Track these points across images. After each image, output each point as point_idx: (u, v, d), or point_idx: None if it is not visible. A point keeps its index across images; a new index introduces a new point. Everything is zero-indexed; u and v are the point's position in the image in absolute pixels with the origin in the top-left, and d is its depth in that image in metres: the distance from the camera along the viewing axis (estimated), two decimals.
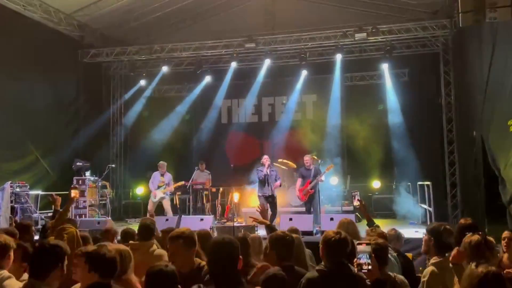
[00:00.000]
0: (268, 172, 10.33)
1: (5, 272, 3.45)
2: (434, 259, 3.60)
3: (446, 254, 3.57)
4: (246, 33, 13.41)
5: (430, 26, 12.45)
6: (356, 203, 4.98)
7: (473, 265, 3.08)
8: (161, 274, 2.76)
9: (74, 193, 5.74)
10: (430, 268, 3.51)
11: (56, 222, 4.84)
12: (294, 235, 4.36)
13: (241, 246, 3.16)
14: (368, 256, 2.89)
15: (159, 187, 11.55)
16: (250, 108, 15.70)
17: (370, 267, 2.87)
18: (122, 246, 3.98)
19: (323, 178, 10.49)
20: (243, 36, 13.38)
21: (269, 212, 10.13)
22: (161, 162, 11.89)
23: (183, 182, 11.98)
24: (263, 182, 10.33)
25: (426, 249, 3.84)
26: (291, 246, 3.64)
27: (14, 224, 5.12)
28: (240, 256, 2.99)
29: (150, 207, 11.47)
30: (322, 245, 3.22)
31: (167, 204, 11.54)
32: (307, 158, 10.74)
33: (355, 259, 2.97)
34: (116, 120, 15.82)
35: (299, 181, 10.84)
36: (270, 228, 4.71)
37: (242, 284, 2.96)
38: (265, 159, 10.51)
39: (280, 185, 11.05)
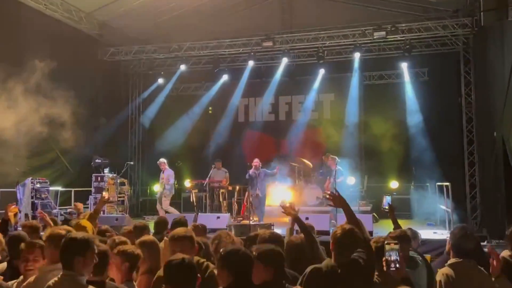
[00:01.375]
0: (256, 174, 11.04)
1: None
2: (451, 260, 3.48)
3: (463, 259, 3.47)
4: (264, 32, 13.41)
5: (450, 25, 12.29)
6: (386, 206, 4.93)
7: None
8: (181, 266, 2.76)
9: (105, 194, 5.86)
10: (445, 269, 3.40)
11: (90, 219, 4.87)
12: (299, 236, 4.35)
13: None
14: (396, 254, 2.95)
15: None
16: (267, 107, 15.69)
17: (398, 265, 2.93)
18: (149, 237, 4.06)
19: (339, 179, 10.51)
20: (260, 35, 13.38)
21: (259, 211, 11.00)
22: (161, 159, 12.14)
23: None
24: (250, 182, 11.19)
25: (448, 250, 3.75)
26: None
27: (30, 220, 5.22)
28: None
29: (166, 204, 11.80)
30: (331, 239, 3.29)
31: (166, 204, 11.78)
32: (330, 158, 10.74)
33: (384, 257, 3.01)
34: (134, 118, 16.00)
35: (328, 181, 10.93)
36: (298, 221, 4.32)
37: None
38: (255, 161, 11.30)
39: (277, 172, 11.61)
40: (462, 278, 3.31)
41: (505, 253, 3.91)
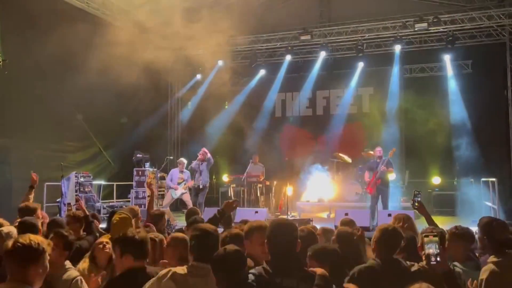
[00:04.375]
0: (199, 166, 11.21)
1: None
2: (492, 258, 3.31)
3: (506, 251, 3.33)
4: (301, 26, 13.29)
5: (496, 15, 11.85)
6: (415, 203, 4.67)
7: None
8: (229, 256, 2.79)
9: (148, 191, 6.26)
10: (489, 266, 3.25)
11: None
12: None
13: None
14: (436, 247, 2.84)
15: (178, 183, 11.73)
16: (305, 102, 15.59)
17: (439, 258, 2.82)
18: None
19: (393, 170, 10.17)
20: (298, 29, 13.28)
21: (200, 201, 11.12)
22: (181, 159, 12.19)
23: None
24: (194, 173, 11.45)
25: (482, 247, 3.55)
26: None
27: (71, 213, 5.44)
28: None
29: (167, 201, 11.76)
30: (374, 238, 3.21)
31: (187, 198, 11.71)
32: (378, 149, 10.41)
33: (423, 251, 2.91)
34: (174, 114, 16.24)
35: (366, 174, 10.53)
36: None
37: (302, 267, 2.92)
38: (200, 153, 11.35)
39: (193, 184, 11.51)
40: (507, 274, 3.18)
41: None
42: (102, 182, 12.42)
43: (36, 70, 10.80)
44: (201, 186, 11.27)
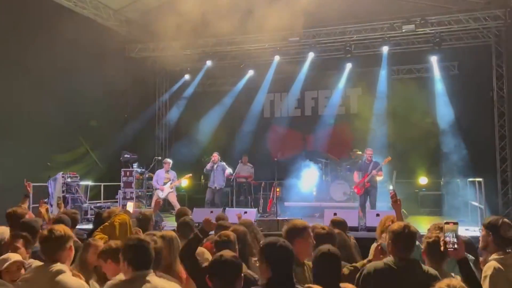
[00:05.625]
0: (214, 168, 11.61)
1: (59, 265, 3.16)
2: (495, 255, 3.38)
3: (508, 250, 3.40)
4: (290, 27, 13.29)
5: (482, 17, 11.99)
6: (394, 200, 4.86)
7: None
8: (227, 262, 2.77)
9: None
10: (492, 263, 3.32)
11: None
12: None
13: None
14: (454, 235, 2.97)
15: (164, 183, 11.84)
16: (293, 102, 15.62)
17: (456, 246, 2.93)
18: (169, 232, 4.04)
19: (382, 174, 10.45)
20: (287, 30, 13.29)
21: (216, 201, 11.52)
22: (166, 159, 12.35)
23: (190, 174, 12.55)
24: (208, 176, 11.90)
25: (484, 245, 3.60)
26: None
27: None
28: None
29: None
30: (390, 240, 3.23)
31: (173, 198, 11.87)
32: (369, 152, 10.59)
33: (441, 238, 3.02)
34: (162, 114, 16.17)
35: (356, 175, 10.79)
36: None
37: None
38: (213, 155, 11.94)
39: (231, 175, 12.03)
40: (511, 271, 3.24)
41: None
42: (90, 183, 12.30)
43: (22, 70, 10.67)
44: (217, 187, 11.73)
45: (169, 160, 12.24)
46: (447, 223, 3.05)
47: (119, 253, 3.05)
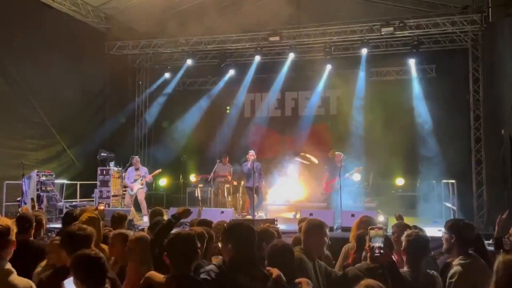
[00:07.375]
0: (254, 166, 11.18)
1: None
2: (460, 259, 3.39)
3: (470, 251, 3.45)
4: (271, 27, 13.33)
5: (459, 21, 12.17)
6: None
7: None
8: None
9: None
10: (458, 268, 3.32)
11: None
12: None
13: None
14: (381, 240, 2.95)
15: (135, 180, 11.78)
16: (273, 103, 15.64)
17: (382, 251, 2.93)
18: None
19: (352, 177, 10.64)
20: (267, 30, 13.31)
21: (256, 201, 11.38)
22: (135, 157, 12.24)
23: (160, 170, 12.39)
24: (249, 175, 11.38)
25: (448, 247, 3.63)
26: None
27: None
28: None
29: (128, 200, 11.80)
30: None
31: (141, 196, 11.76)
32: (340, 157, 10.71)
33: (368, 244, 3.01)
34: (140, 112, 16.02)
35: (326, 175, 11.05)
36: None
37: None
38: (250, 154, 11.39)
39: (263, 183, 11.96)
40: (475, 275, 3.27)
41: None
42: (65, 181, 12.13)
43: None
44: (257, 185, 11.60)
45: (137, 158, 12.26)
46: (372, 228, 3.01)
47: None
